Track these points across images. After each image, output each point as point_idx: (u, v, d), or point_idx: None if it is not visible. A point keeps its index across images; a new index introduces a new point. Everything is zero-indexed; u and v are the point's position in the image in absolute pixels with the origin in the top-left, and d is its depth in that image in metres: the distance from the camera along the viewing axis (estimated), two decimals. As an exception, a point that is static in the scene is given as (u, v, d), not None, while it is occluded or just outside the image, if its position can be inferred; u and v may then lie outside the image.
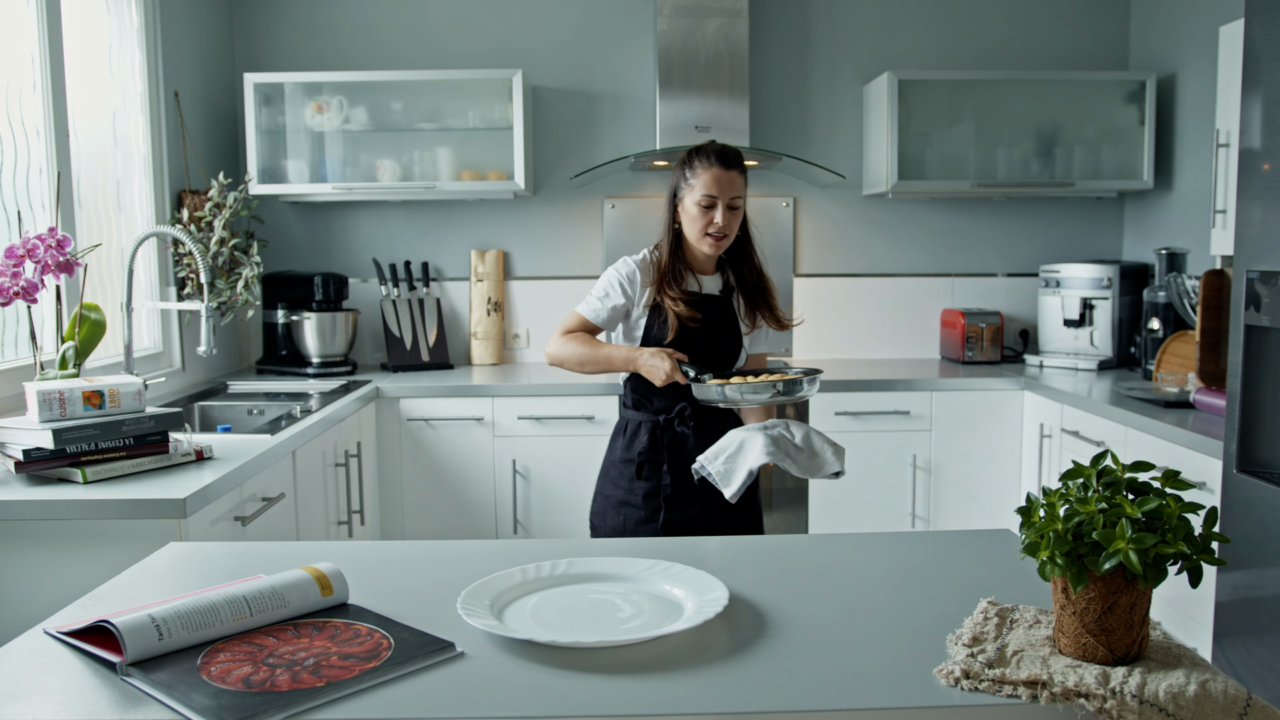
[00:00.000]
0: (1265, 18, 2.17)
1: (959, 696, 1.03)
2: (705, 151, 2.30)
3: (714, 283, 2.41)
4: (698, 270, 2.39)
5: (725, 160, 2.27)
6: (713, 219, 2.26)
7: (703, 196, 2.26)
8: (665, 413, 2.33)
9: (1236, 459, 2.27)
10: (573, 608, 1.28)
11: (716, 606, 1.22)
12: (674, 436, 2.32)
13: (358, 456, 3.14)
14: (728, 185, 2.26)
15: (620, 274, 2.37)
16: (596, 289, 2.40)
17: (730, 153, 2.29)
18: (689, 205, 2.28)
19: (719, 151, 2.29)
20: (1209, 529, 1.05)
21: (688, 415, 2.31)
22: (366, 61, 3.89)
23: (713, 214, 2.26)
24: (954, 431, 3.51)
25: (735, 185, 2.28)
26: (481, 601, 1.25)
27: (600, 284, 2.41)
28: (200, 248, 2.75)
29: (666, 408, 2.33)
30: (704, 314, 2.34)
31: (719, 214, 2.26)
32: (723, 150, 2.30)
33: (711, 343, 2.35)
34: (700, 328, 2.32)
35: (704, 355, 2.33)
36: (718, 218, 2.26)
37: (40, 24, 2.60)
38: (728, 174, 2.26)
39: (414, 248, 4.02)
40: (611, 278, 2.38)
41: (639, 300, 2.36)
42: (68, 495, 1.89)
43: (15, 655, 1.15)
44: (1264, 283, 2.19)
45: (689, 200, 2.28)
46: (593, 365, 2.33)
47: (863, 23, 3.98)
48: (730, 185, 2.26)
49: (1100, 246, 4.10)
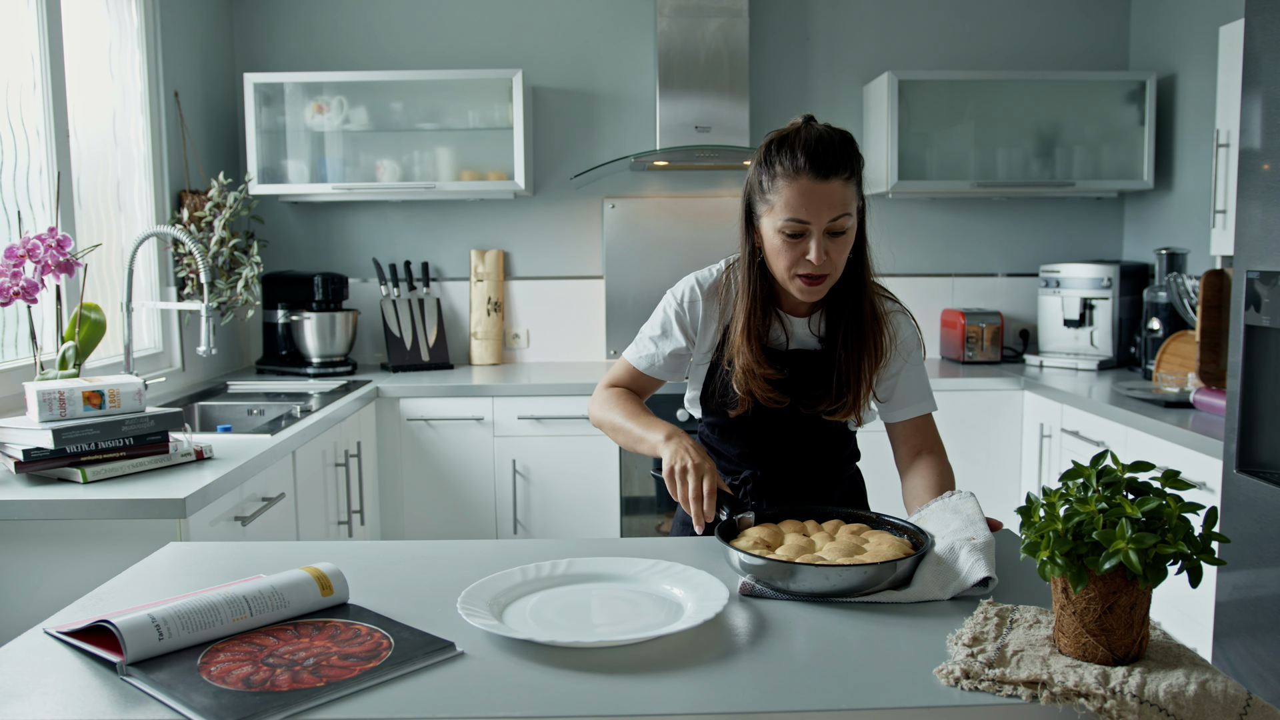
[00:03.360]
0: (1265, 18, 2.17)
1: (959, 696, 1.03)
2: (790, 146, 1.52)
3: (811, 326, 1.68)
4: (790, 310, 1.68)
5: (820, 165, 1.50)
6: (804, 253, 1.54)
7: (786, 222, 1.53)
8: (730, 476, 1.72)
9: (1236, 459, 2.27)
10: (573, 608, 1.28)
11: (717, 606, 1.21)
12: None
13: (358, 456, 3.14)
14: (824, 202, 1.51)
15: (679, 302, 1.72)
16: (650, 325, 1.77)
17: (829, 150, 1.51)
18: (768, 231, 1.57)
19: (812, 150, 1.51)
20: (1209, 529, 1.05)
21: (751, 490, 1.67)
22: (366, 61, 3.89)
23: (804, 245, 1.53)
24: (954, 431, 3.50)
25: (836, 200, 1.51)
26: (481, 601, 1.25)
27: (655, 317, 1.76)
28: (200, 248, 2.75)
29: (731, 469, 1.73)
30: (792, 381, 1.63)
31: (813, 246, 1.52)
32: (818, 146, 1.51)
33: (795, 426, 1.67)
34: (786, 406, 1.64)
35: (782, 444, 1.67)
36: (811, 252, 1.52)
37: (40, 24, 2.60)
38: (825, 186, 1.50)
39: (414, 248, 4.02)
40: (669, 307, 1.73)
41: (703, 340, 1.71)
42: (68, 495, 1.89)
43: (15, 655, 1.15)
44: (1264, 283, 2.19)
45: (767, 224, 1.56)
46: (624, 440, 1.69)
47: (863, 23, 3.98)
48: (829, 201, 1.51)
49: (1100, 246, 4.10)
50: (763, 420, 1.67)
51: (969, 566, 1.31)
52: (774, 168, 1.54)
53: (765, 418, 1.67)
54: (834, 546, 1.38)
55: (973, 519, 1.42)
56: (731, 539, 1.42)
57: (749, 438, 1.70)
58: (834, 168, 1.51)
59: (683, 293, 1.72)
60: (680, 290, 1.73)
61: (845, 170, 1.52)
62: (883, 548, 1.37)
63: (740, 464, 1.72)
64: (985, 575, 1.29)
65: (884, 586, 1.29)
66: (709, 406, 1.74)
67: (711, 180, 4.01)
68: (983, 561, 1.31)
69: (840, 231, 1.54)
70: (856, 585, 1.27)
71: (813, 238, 1.52)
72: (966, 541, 1.35)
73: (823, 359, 1.66)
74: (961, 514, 1.43)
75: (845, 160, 1.52)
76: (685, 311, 1.71)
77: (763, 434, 1.70)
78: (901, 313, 1.75)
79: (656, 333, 1.75)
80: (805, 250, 1.53)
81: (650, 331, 1.76)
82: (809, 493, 1.73)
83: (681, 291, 1.73)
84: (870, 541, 1.40)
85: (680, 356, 1.74)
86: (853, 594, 1.28)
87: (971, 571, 1.30)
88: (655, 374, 1.75)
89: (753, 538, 1.42)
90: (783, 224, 1.53)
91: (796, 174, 1.51)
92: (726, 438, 1.73)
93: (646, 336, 1.76)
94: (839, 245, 1.56)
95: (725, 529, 1.46)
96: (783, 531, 1.46)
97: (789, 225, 1.52)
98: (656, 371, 1.75)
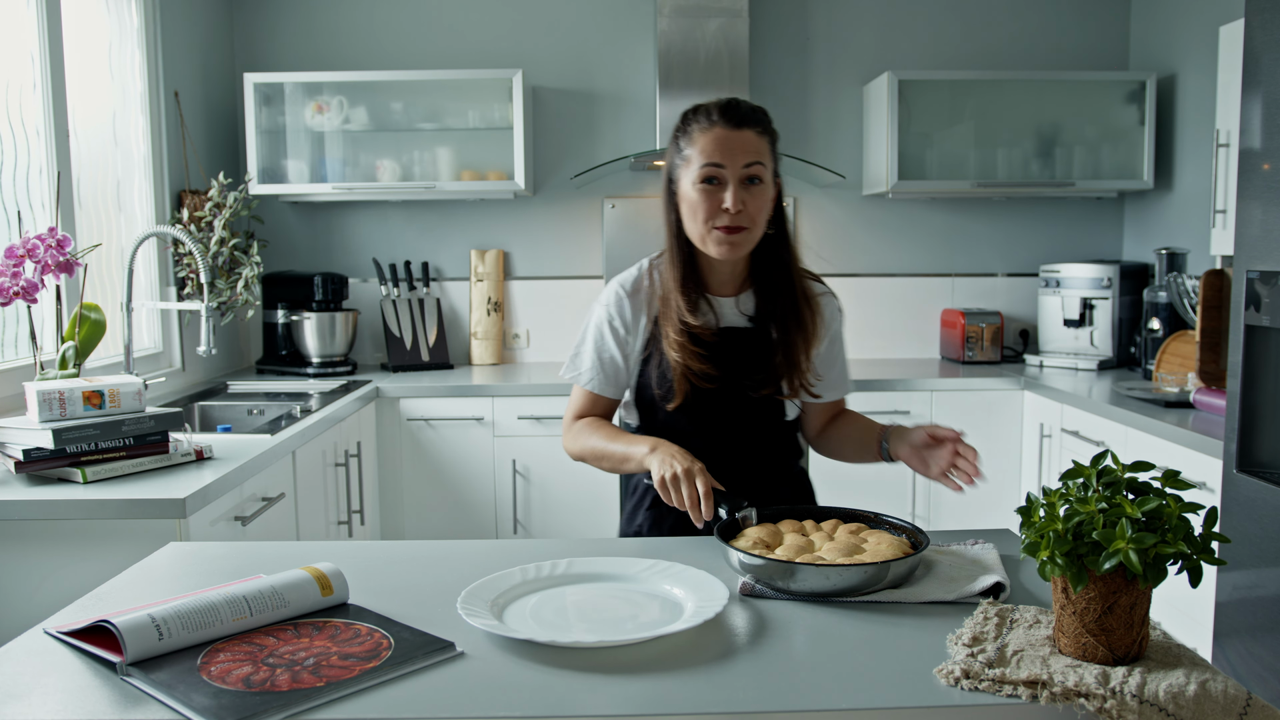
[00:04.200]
0: (1265, 18, 2.17)
1: (959, 696, 1.03)
2: (705, 108, 1.62)
3: (740, 306, 1.70)
4: (715, 290, 1.69)
5: (732, 115, 1.58)
6: (721, 203, 1.56)
7: (702, 168, 1.56)
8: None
9: (1236, 459, 2.27)
10: (572, 607, 1.28)
11: (717, 606, 1.21)
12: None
13: (358, 456, 3.14)
14: (739, 147, 1.56)
15: (608, 310, 1.71)
16: (585, 344, 1.73)
17: (740, 105, 1.60)
18: (687, 189, 1.59)
19: (724, 105, 1.60)
20: (1209, 529, 1.05)
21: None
22: (366, 61, 3.89)
23: (720, 194, 1.56)
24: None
25: (750, 147, 1.57)
26: (481, 601, 1.25)
27: (588, 334, 1.73)
28: (200, 248, 2.75)
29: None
30: (724, 360, 1.63)
31: (729, 195, 1.55)
32: (730, 102, 1.60)
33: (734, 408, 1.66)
34: (719, 385, 1.63)
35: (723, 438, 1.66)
36: (727, 199, 1.55)
37: (40, 24, 2.60)
38: (738, 134, 1.57)
39: (414, 248, 4.02)
40: (600, 319, 1.72)
41: (636, 340, 1.70)
42: (68, 495, 1.89)
43: (15, 655, 1.15)
44: (1264, 283, 2.19)
45: (686, 182, 1.59)
46: (609, 465, 1.66)
47: (863, 23, 3.98)
48: (743, 147, 1.56)
49: (1100, 246, 4.10)
50: (701, 414, 1.66)
51: (978, 575, 1.33)
52: (690, 126, 1.62)
53: (703, 411, 1.66)
54: (833, 546, 1.38)
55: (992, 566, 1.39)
56: (731, 539, 1.42)
57: (687, 433, 1.67)
58: (746, 119, 1.59)
59: (608, 299, 1.72)
60: (606, 297, 1.73)
61: (758, 125, 1.60)
62: (882, 547, 1.37)
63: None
64: (996, 580, 1.30)
65: (884, 586, 1.29)
66: (645, 406, 1.72)
67: (711, 180, 4.00)
68: (994, 574, 1.32)
69: (755, 179, 1.57)
70: (856, 585, 1.27)
71: (728, 186, 1.55)
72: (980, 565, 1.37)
73: (754, 337, 1.67)
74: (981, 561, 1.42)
75: (757, 117, 1.61)
76: (615, 315, 1.70)
77: (702, 429, 1.68)
78: (828, 293, 1.79)
79: (593, 350, 1.73)
80: (722, 200, 1.55)
81: (589, 349, 1.73)
82: (757, 488, 1.69)
83: (607, 298, 1.73)
84: (869, 541, 1.40)
85: (626, 361, 1.72)
86: (853, 594, 1.28)
87: (981, 580, 1.31)
88: (610, 392, 1.73)
89: (752, 538, 1.41)
90: (699, 171, 1.56)
91: (711, 125, 1.58)
92: (666, 434, 1.68)
93: (589, 356, 1.73)
94: (755, 197, 1.57)
95: (725, 529, 1.46)
96: (782, 531, 1.46)
97: (705, 171, 1.56)
98: (611, 389, 1.73)
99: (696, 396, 1.63)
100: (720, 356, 1.63)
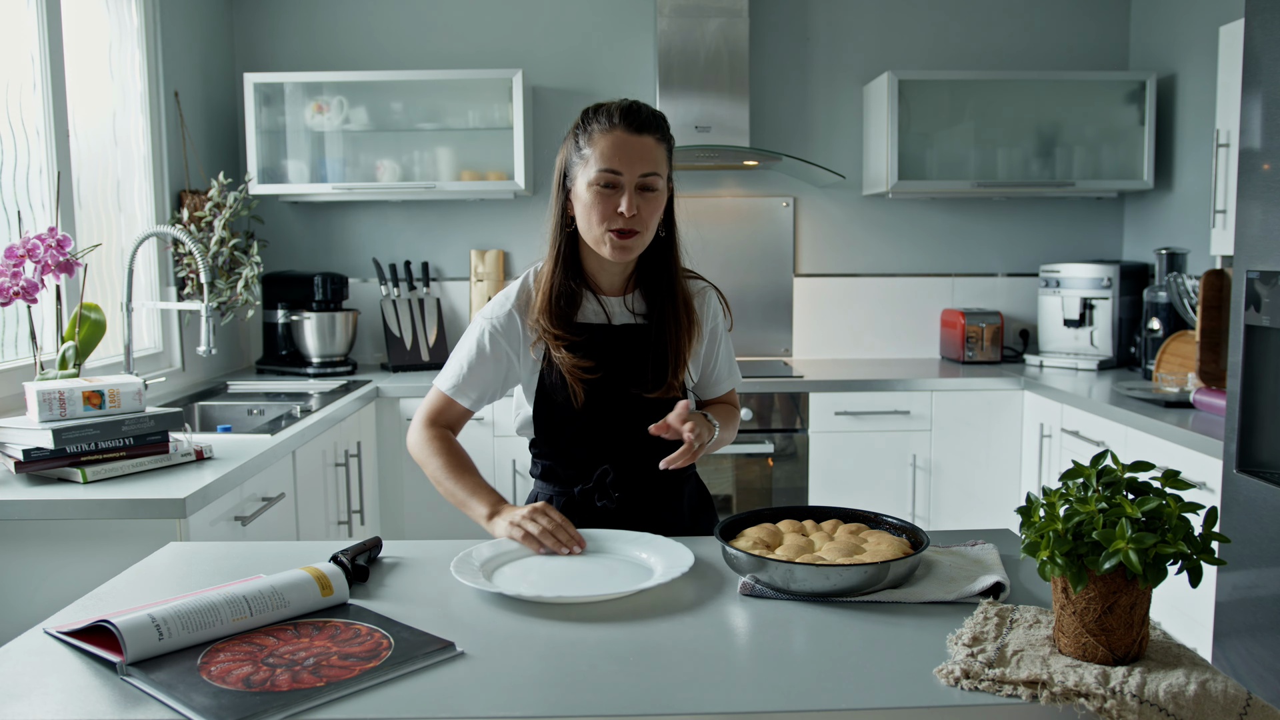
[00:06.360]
0: (1265, 18, 2.17)
1: (959, 696, 1.03)
2: (605, 109, 1.62)
3: (629, 305, 1.72)
4: (604, 290, 1.71)
5: (633, 120, 1.60)
6: (616, 206, 1.58)
7: (600, 173, 1.58)
8: (582, 481, 1.71)
9: (1236, 459, 2.27)
10: (555, 573, 1.43)
11: (684, 566, 1.36)
12: (595, 513, 1.70)
13: (358, 456, 3.14)
14: (638, 156, 1.59)
15: (490, 322, 1.70)
16: (463, 352, 1.72)
17: (641, 110, 1.62)
18: (582, 190, 1.61)
19: (625, 109, 1.61)
20: (1209, 529, 1.05)
21: (610, 483, 1.68)
22: (366, 61, 3.89)
23: (616, 199, 1.58)
24: (954, 431, 3.51)
25: (649, 156, 1.60)
26: (471, 566, 1.39)
27: (467, 343, 1.72)
28: (200, 248, 2.75)
29: (582, 474, 1.71)
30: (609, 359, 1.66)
31: (625, 199, 1.58)
32: (631, 106, 1.62)
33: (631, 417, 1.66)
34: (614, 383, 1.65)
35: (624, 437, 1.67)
36: (623, 204, 1.57)
37: (40, 24, 2.60)
38: (638, 139, 1.59)
39: (414, 248, 4.02)
40: (484, 329, 1.70)
41: (523, 353, 1.70)
42: (68, 495, 1.89)
43: (15, 655, 1.15)
44: (1264, 283, 2.19)
45: (582, 182, 1.61)
46: (445, 494, 1.73)
47: (863, 23, 3.98)
48: (642, 155, 1.59)
49: (1100, 246, 4.10)
50: (599, 415, 1.68)
51: (979, 575, 1.33)
52: (590, 126, 1.62)
53: (601, 413, 1.68)
54: (833, 546, 1.38)
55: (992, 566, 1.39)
56: (731, 539, 1.42)
57: (591, 436, 1.69)
58: (646, 125, 1.61)
59: (495, 311, 1.71)
60: (491, 310, 1.72)
61: (657, 131, 1.63)
62: (881, 547, 1.37)
63: (592, 464, 1.70)
64: (996, 580, 1.30)
65: (884, 586, 1.29)
66: (545, 415, 1.71)
67: (711, 180, 4.01)
68: (994, 574, 1.33)
69: (650, 189, 1.61)
70: (856, 585, 1.27)
71: (625, 191, 1.58)
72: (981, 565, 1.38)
73: (645, 335, 1.70)
74: (982, 561, 1.42)
75: (657, 123, 1.63)
76: (500, 329, 1.69)
77: (603, 430, 1.69)
78: (708, 288, 1.81)
79: (473, 358, 1.71)
80: (617, 204, 1.58)
81: (465, 358, 1.71)
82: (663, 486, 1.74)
83: (493, 311, 1.71)
84: (869, 541, 1.41)
85: (493, 381, 1.71)
86: (852, 594, 1.28)
87: (981, 580, 1.31)
88: (469, 403, 1.73)
89: (752, 538, 1.42)
90: (597, 175, 1.58)
91: (612, 128, 1.59)
92: (571, 443, 1.71)
93: (463, 364, 1.71)
94: (649, 204, 1.61)
95: (725, 529, 1.46)
96: (782, 531, 1.46)
97: (603, 176, 1.58)
98: (471, 400, 1.72)
99: (596, 397, 1.66)
100: (612, 354, 1.67)
